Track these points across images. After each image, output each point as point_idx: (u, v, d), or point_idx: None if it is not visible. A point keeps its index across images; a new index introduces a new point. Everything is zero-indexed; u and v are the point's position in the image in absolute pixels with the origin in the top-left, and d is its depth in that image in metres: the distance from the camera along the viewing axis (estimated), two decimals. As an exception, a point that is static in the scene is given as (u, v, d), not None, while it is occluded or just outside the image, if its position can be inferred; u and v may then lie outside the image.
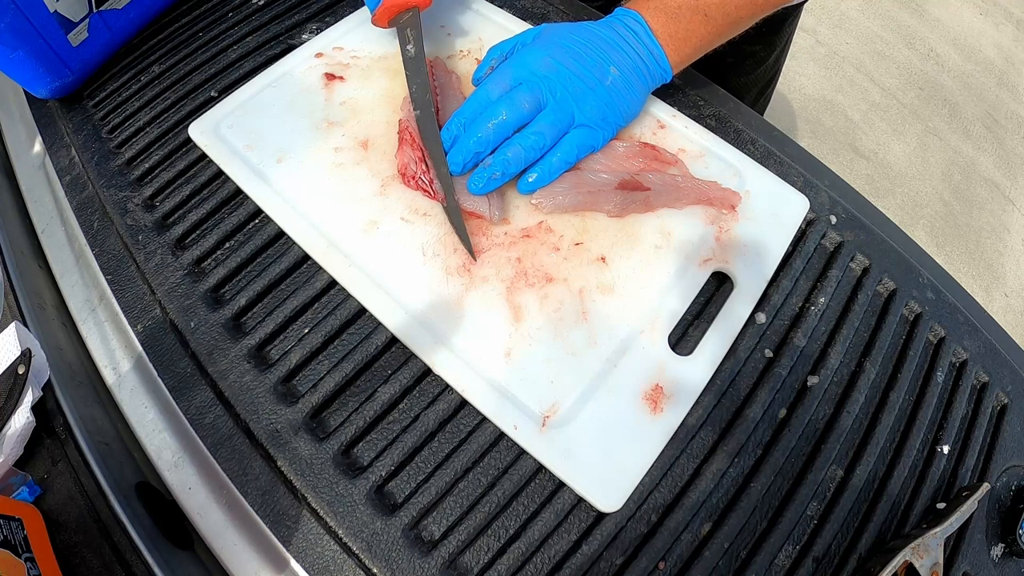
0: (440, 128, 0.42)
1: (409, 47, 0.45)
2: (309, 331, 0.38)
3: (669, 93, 0.50)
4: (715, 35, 0.45)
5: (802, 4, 0.67)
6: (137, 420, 0.38)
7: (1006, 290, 1.50)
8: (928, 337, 0.42)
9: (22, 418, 0.35)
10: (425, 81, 0.44)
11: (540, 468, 0.34)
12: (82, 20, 0.47)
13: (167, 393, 0.38)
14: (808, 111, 1.70)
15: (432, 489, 0.33)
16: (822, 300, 0.41)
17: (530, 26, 0.51)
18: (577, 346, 0.36)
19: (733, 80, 0.70)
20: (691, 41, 0.44)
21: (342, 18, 0.51)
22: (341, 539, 0.32)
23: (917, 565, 0.33)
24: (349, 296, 0.39)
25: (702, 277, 0.40)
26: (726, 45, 0.47)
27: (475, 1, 0.53)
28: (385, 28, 0.46)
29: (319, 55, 0.48)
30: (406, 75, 0.44)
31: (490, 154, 0.41)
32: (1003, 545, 0.36)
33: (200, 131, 0.44)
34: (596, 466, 0.33)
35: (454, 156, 0.41)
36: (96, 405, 0.39)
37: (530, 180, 0.41)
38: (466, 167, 0.41)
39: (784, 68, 0.78)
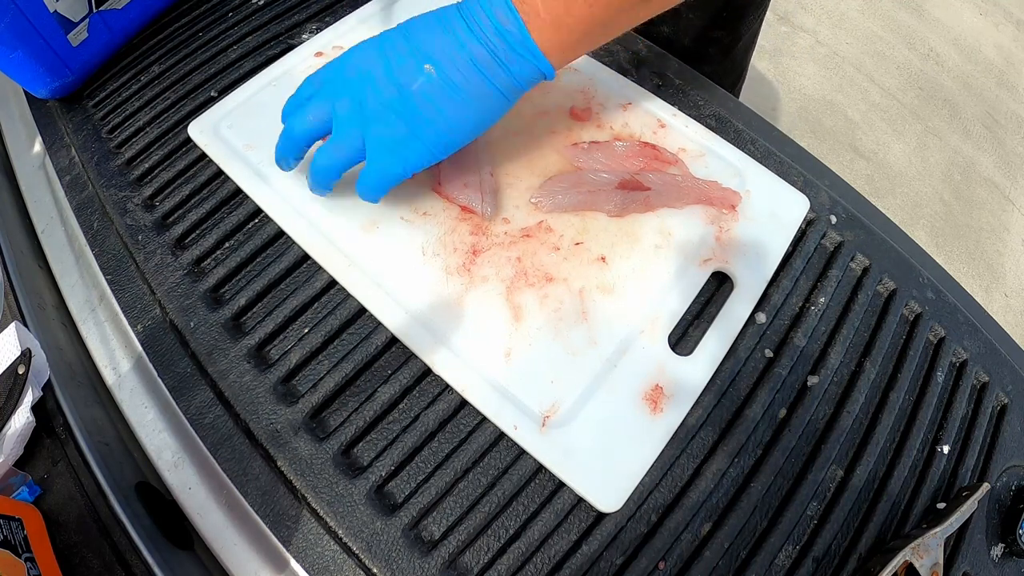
0: None
1: None
2: (309, 331, 0.38)
3: (669, 93, 0.50)
4: (600, 21, 0.34)
5: None
6: (137, 420, 0.38)
7: (1006, 290, 1.50)
8: (928, 337, 0.42)
9: (22, 418, 0.35)
10: None
11: (540, 468, 0.34)
12: (82, 20, 0.47)
13: (167, 393, 0.38)
14: (808, 111, 1.69)
15: (432, 489, 0.33)
16: (822, 300, 0.41)
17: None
18: (577, 346, 0.36)
19: (697, 70, 0.59)
20: (567, 24, 0.33)
21: (342, 18, 0.51)
22: (341, 539, 0.32)
23: (917, 565, 0.33)
24: (349, 296, 0.38)
25: (702, 277, 0.40)
26: (684, 27, 0.40)
27: None
28: None
29: (319, 54, 0.48)
30: None
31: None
32: (1003, 545, 0.36)
33: (200, 131, 0.44)
34: (596, 466, 0.33)
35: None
36: (96, 405, 0.39)
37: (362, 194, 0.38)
38: (280, 166, 0.39)
39: (784, 68, 0.77)
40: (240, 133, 0.44)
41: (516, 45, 0.33)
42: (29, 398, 0.35)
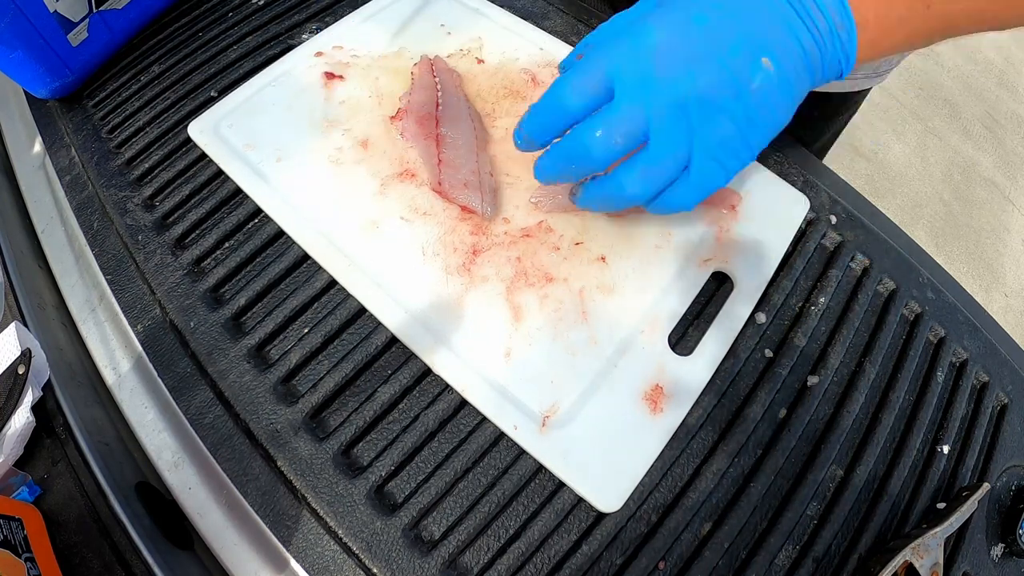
0: (437, 126, 0.42)
1: None
2: (309, 331, 0.38)
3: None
4: (925, 34, 0.30)
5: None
6: (137, 420, 0.38)
7: (1006, 290, 1.50)
8: (928, 337, 0.42)
9: (22, 418, 0.35)
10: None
11: (540, 468, 0.34)
12: (82, 20, 0.47)
13: (167, 393, 0.38)
14: (808, 111, 1.69)
15: (432, 489, 0.33)
16: (822, 300, 0.41)
17: (532, 26, 0.51)
18: (577, 346, 0.36)
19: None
20: (897, 33, 0.30)
21: (342, 18, 0.51)
22: (341, 539, 0.32)
23: (917, 565, 0.33)
24: (349, 296, 0.39)
25: (702, 277, 0.40)
26: None
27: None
28: None
29: (319, 54, 0.48)
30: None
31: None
32: (1003, 545, 0.36)
33: (200, 130, 0.44)
34: (596, 466, 0.33)
35: (540, 168, 0.34)
36: (96, 405, 0.39)
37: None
38: (542, 180, 0.35)
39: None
40: (240, 133, 0.44)
41: (839, 51, 0.30)
42: (29, 398, 0.35)
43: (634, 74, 0.29)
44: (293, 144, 0.43)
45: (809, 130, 0.59)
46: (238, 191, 0.43)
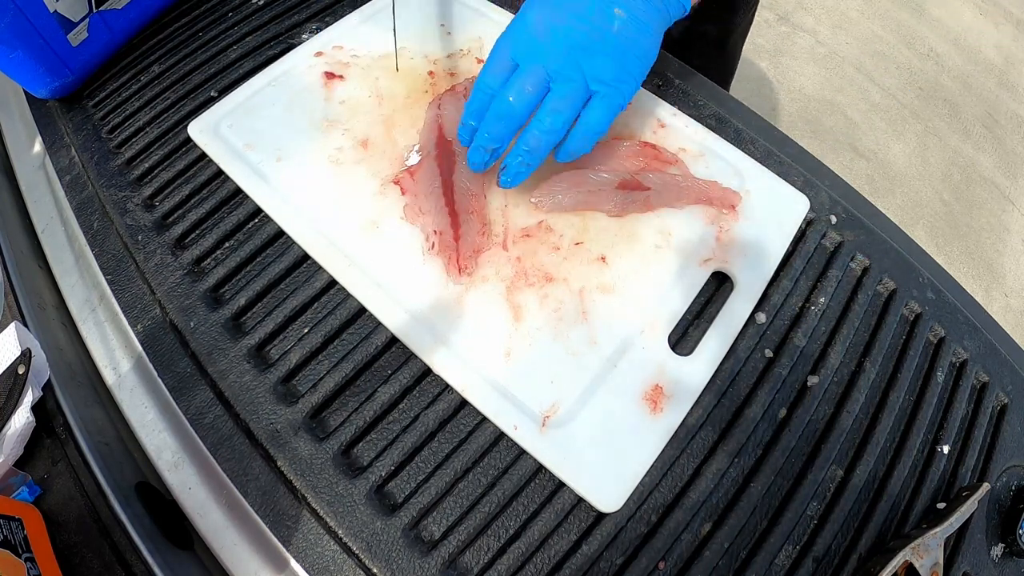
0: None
1: None
2: (309, 331, 0.38)
3: (669, 93, 0.50)
4: None
5: None
6: (137, 420, 0.38)
7: (1006, 290, 1.50)
8: (928, 337, 0.42)
9: (22, 418, 0.35)
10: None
11: (540, 468, 0.34)
12: (82, 20, 0.47)
13: (167, 393, 0.38)
14: (808, 111, 1.69)
15: (432, 489, 0.33)
16: (822, 300, 0.41)
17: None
18: (577, 346, 0.36)
19: (686, 63, 0.62)
20: None
21: (342, 18, 0.51)
22: (341, 539, 0.32)
23: (917, 565, 0.33)
24: (349, 296, 0.38)
25: (702, 277, 0.40)
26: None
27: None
28: None
29: (319, 54, 0.48)
30: None
31: (510, 145, 0.39)
32: (1003, 545, 0.36)
33: (200, 130, 0.44)
34: (596, 466, 0.33)
35: (472, 156, 0.39)
36: (96, 405, 0.39)
37: (564, 152, 0.39)
38: (487, 164, 0.39)
39: (784, 68, 0.77)
40: (240, 133, 0.44)
41: None
42: (29, 398, 0.35)
43: (525, 45, 0.38)
44: (293, 144, 0.43)
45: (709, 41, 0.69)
46: (238, 191, 0.43)
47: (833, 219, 0.45)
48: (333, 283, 0.39)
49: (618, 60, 0.37)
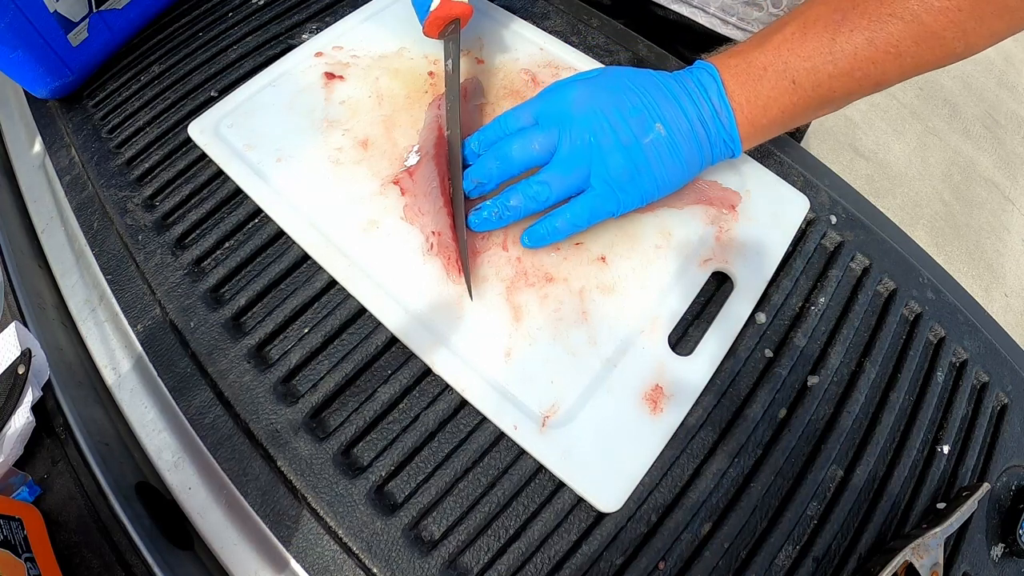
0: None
1: (448, 62, 0.44)
2: (309, 331, 0.38)
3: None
4: (800, 109, 0.37)
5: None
6: (137, 420, 0.38)
7: (1006, 290, 1.51)
8: (928, 337, 0.42)
9: (22, 418, 0.35)
10: (455, 104, 0.42)
11: (540, 468, 0.34)
12: (82, 20, 0.47)
13: (167, 393, 0.38)
14: (808, 111, 1.69)
15: (432, 489, 0.33)
16: (822, 300, 0.41)
17: (532, 26, 0.51)
18: (577, 346, 0.36)
19: None
20: (771, 111, 0.37)
21: (342, 18, 0.51)
22: (341, 539, 0.32)
23: (917, 565, 0.33)
24: (349, 296, 0.39)
25: (702, 277, 0.40)
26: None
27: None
28: (436, 39, 0.46)
29: (319, 54, 0.48)
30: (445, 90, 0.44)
31: (495, 191, 0.39)
32: (1003, 545, 0.37)
33: (200, 131, 0.44)
34: (596, 466, 0.33)
35: (464, 180, 0.39)
36: (96, 405, 0.39)
37: (534, 235, 0.38)
38: (472, 195, 0.40)
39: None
40: (240, 133, 0.44)
41: (722, 131, 0.38)
42: (29, 398, 0.35)
43: (554, 110, 0.38)
44: (293, 144, 0.43)
45: None
46: (238, 191, 0.43)
47: (833, 219, 0.45)
48: (333, 283, 0.39)
49: (631, 170, 0.36)
